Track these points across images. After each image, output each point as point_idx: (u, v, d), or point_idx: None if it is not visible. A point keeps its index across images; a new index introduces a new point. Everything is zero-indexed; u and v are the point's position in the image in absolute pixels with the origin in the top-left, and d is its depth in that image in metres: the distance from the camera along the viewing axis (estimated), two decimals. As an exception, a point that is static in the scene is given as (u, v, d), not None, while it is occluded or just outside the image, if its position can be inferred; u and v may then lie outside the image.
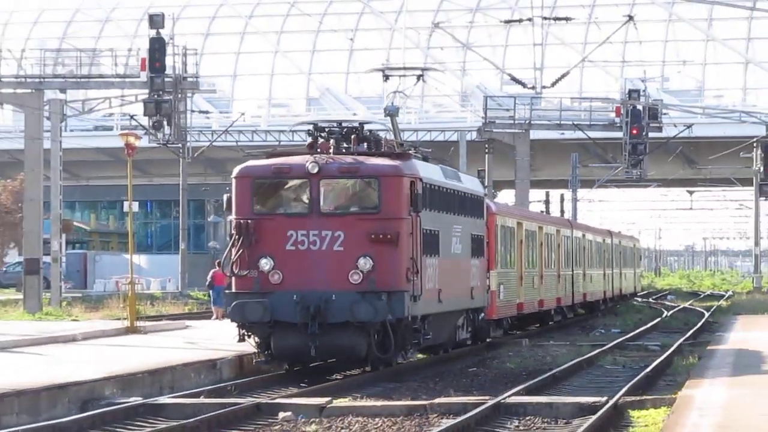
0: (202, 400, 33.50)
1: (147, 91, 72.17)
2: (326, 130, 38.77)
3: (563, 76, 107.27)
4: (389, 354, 36.28)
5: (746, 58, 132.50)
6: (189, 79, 76.49)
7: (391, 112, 46.52)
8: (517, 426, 30.28)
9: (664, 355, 49.63)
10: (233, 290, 36.32)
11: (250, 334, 36.22)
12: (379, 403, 33.86)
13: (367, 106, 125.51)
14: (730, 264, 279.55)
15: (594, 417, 29.41)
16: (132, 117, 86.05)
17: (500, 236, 51.40)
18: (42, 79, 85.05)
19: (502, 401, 33.53)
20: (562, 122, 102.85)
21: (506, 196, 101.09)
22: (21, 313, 73.11)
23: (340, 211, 35.79)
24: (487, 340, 52.78)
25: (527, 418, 31.53)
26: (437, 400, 34.12)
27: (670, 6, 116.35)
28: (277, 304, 34.55)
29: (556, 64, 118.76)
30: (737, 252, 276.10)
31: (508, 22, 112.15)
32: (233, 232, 36.14)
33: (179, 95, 73.79)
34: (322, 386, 36.41)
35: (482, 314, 48.59)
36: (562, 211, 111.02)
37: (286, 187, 36.44)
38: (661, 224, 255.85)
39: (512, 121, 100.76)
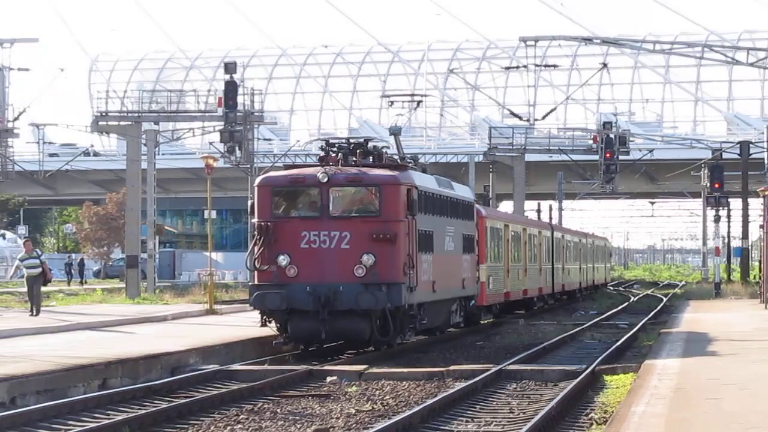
0: (266, 367, 33.64)
1: (223, 123, 72.26)
2: (336, 145, 38.59)
3: (551, 111, 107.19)
4: (389, 337, 35.91)
5: (696, 97, 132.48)
6: (255, 114, 76.64)
7: (395, 132, 46.22)
8: (515, 388, 30.50)
9: (631, 332, 49.60)
10: (256, 282, 36.14)
11: (270, 319, 36.00)
12: (406, 369, 34.08)
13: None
14: (683, 260, 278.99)
15: (576, 380, 29.74)
16: (211, 143, 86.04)
17: (489, 236, 51.02)
18: (140, 114, 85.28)
19: (504, 368, 33.71)
20: (550, 147, 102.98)
21: (506, 206, 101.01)
22: (123, 298, 73.11)
23: (346, 214, 35.54)
24: (481, 322, 52.50)
25: (523, 381, 31.92)
26: (452, 368, 34.36)
27: (635, 56, 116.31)
28: (293, 295, 34.37)
29: (546, 101, 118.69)
30: (689, 250, 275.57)
31: (507, 68, 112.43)
32: (255, 232, 36.02)
33: (248, 126, 73.91)
34: (360, 357, 36.90)
35: (473, 301, 47.88)
36: (551, 218, 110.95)
37: (301, 194, 36.29)
38: (629, 228, 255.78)
39: (511, 147, 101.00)
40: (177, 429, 23.03)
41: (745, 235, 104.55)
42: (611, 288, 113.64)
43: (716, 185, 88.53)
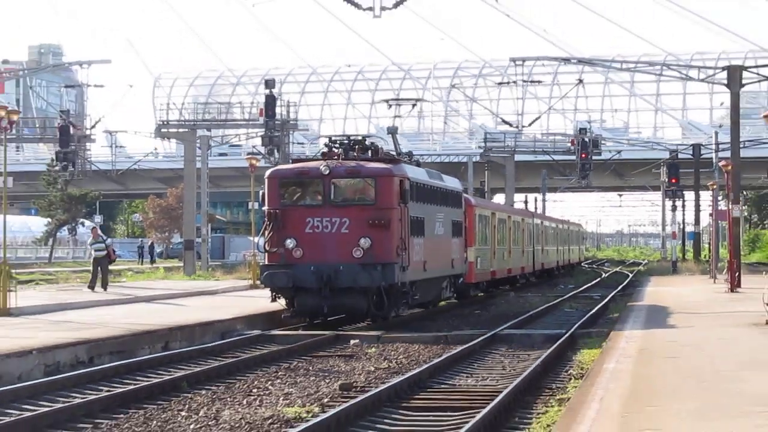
0: (300, 332, 33.57)
1: (263, 129, 72.18)
2: (338, 142, 37.71)
3: (536, 119, 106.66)
4: (384, 311, 34.99)
5: (656, 107, 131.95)
6: (290, 122, 76.51)
7: (392, 131, 45.22)
8: (507, 349, 30.46)
9: (603, 303, 49.43)
10: (266, 263, 35.28)
11: (279, 296, 35.12)
12: (416, 334, 33.95)
13: (408, 139, 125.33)
14: (645, 242, 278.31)
15: (557, 343, 29.68)
16: (254, 146, 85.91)
17: (478, 222, 49.82)
18: (195, 123, 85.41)
19: (497, 333, 33.64)
20: (535, 149, 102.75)
21: (500, 198, 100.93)
22: (181, 275, 73.07)
23: (346, 202, 34.72)
24: (471, 295, 51.42)
25: (513, 344, 31.81)
26: (453, 333, 34.37)
27: (606, 73, 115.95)
28: (299, 274, 33.48)
29: (532, 111, 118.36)
30: (650, 234, 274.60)
31: (500, 83, 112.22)
32: (266, 219, 35.03)
33: (284, 132, 73.76)
34: (378, 324, 36.30)
35: (462, 279, 46.81)
36: (536, 208, 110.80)
37: (306, 184, 35.34)
38: (601, 216, 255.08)
39: (503, 149, 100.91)
40: (226, 384, 23.11)
41: (697, 222, 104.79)
42: (586, 266, 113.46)
43: (673, 180, 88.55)
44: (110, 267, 51.12)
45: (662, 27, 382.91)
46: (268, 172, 36.21)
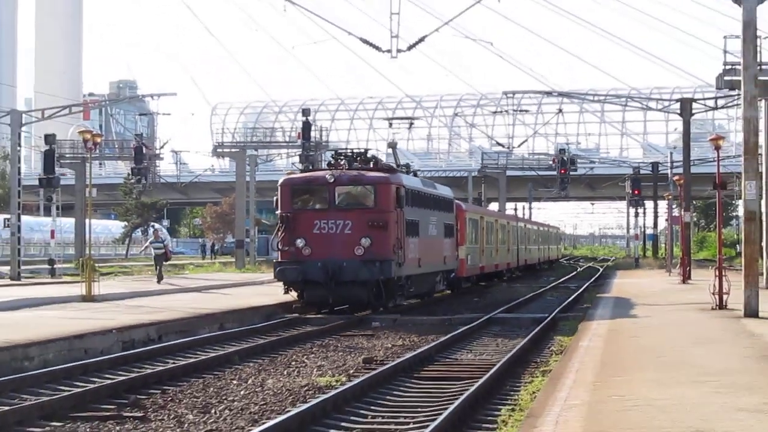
0: (330, 315, 33.46)
1: (301, 150, 72.01)
2: (342, 154, 36.57)
3: (524, 141, 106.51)
4: (382, 301, 33.84)
5: (622, 132, 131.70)
6: (323, 144, 76.45)
7: (392, 145, 44.48)
8: (500, 330, 30.38)
9: (578, 292, 49.33)
10: (279, 260, 33.98)
11: (290, 288, 33.84)
12: (425, 317, 33.97)
13: (419, 157, 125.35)
14: (613, 242, 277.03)
15: (541, 325, 29.52)
16: (293, 164, 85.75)
17: (468, 225, 48.62)
18: (245, 144, 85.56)
19: (492, 316, 33.49)
20: (523, 166, 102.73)
21: (494, 206, 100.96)
22: (233, 268, 72.97)
23: (348, 206, 33.38)
24: (463, 287, 49.78)
25: (505, 325, 31.71)
26: (456, 316, 34.21)
27: (581, 104, 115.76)
28: (308, 269, 32.20)
29: (520, 134, 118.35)
30: (617, 236, 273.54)
31: (494, 112, 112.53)
32: (279, 221, 34.03)
33: (318, 152, 73.79)
34: (395, 309, 36.09)
35: (453, 273, 45.40)
36: (523, 214, 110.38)
37: (313, 191, 34.03)
38: (576, 221, 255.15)
39: (497, 166, 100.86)
40: (270, 357, 23.14)
41: (655, 226, 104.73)
42: (564, 262, 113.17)
43: (636, 192, 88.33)
44: (173, 262, 51.02)
45: (627, 66, 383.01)
46: (280, 180, 35.20)
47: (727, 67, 41.29)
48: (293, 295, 33.71)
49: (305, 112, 71.44)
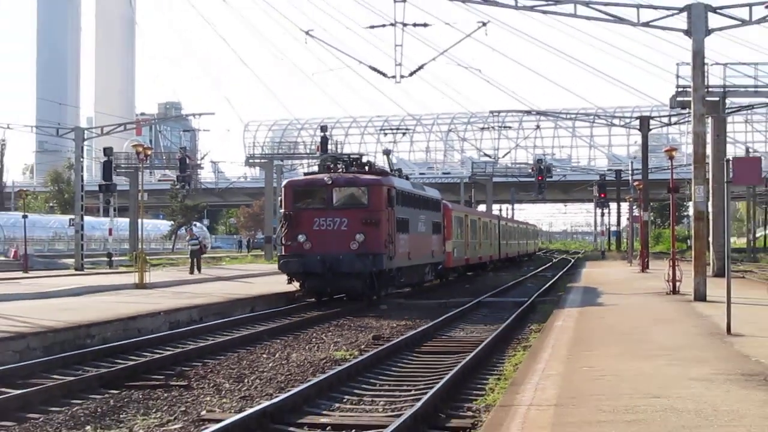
0: (345, 300, 33.31)
1: (319, 161, 72.06)
2: (340, 159, 35.46)
3: (507, 153, 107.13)
4: (375, 291, 32.21)
5: (590, 145, 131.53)
6: (338, 155, 76.64)
7: (386, 152, 43.47)
8: (487, 311, 30.30)
9: (553, 279, 49.29)
10: (283, 253, 32.68)
11: (293, 279, 32.06)
12: (424, 301, 34.00)
13: (418, 166, 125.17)
14: (582, 238, 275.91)
15: (522, 307, 29.50)
16: (313, 173, 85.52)
17: (454, 222, 46.83)
18: (272, 156, 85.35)
19: (481, 300, 33.49)
20: (506, 174, 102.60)
21: (482, 207, 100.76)
22: (263, 260, 72.80)
23: (345, 206, 31.60)
24: (450, 278, 48.23)
25: (492, 307, 31.70)
26: (450, 300, 34.13)
27: (556, 120, 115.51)
28: (308, 262, 30.59)
29: (504, 147, 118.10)
30: (586, 232, 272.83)
31: (482, 128, 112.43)
32: (282, 219, 32.50)
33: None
34: (399, 294, 36.24)
35: (441, 265, 43.46)
36: (507, 214, 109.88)
37: (313, 192, 32.16)
38: (552, 219, 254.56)
39: (484, 173, 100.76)
40: (294, 335, 23.18)
41: (618, 224, 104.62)
42: (541, 254, 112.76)
43: (602, 195, 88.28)
44: (212, 255, 50.95)
45: (595, 89, 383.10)
46: (284, 183, 34.27)
47: (679, 89, 41.27)
48: (296, 285, 32.23)
49: (323, 128, 71.37)
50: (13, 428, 12.40)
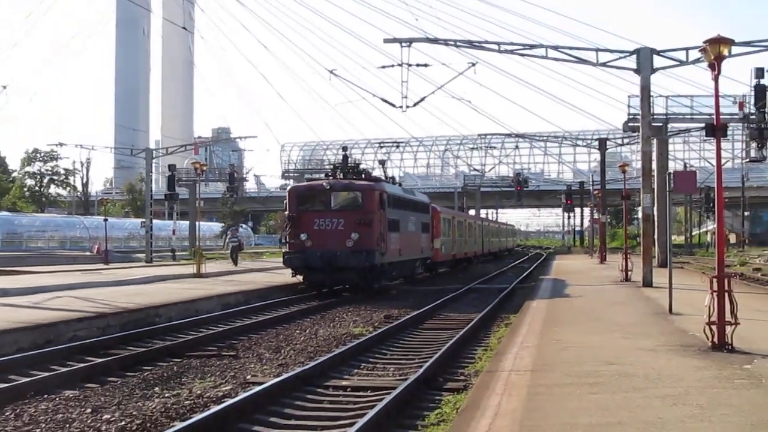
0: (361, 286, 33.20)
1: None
2: (339, 168, 33.23)
3: (492, 168, 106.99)
4: (368, 283, 29.66)
5: (558, 161, 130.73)
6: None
7: (382, 162, 41.10)
8: (476, 296, 30.00)
9: (530, 269, 49.24)
10: (287, 250, 29.89)
11: (296, 273, 29.92)
12: (425, 287, 33.85)
13: (421, 179, 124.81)
14: (553, 236, 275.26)
15: (504, 292, 29.46)
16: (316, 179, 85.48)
17: (442, 223, 44.29)
18: (303, 171, 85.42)
19: (471, 286, 33.39)
20: (492, 185, 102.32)
21: (471, 212, 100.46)
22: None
23: (342, 208, 29.42)
24: (440, 271, 45.68)
25: (480, 292, 31.42)
26: (448, 286, 34.04)
27: (531, 141, 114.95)
28: (309, 258, 28.48)
29: (490, 163, 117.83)
30: (556, 231, 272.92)
31: (472, 148, 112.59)
32: (287, 220, 30.09)
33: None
34: (405, 282, 36.20)
35: (430, 260, 41.05)
36: (493, 217, 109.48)
37: (314, 196, 29.94)
38: (528, 221, 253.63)
39: (474, 185, 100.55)
40: (321, 315, 23.20)
41: (581, 225, 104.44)
42: (519, 249, 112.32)
43: (569, 202, 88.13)
44: (255, 250, 50.87)
45: (563, 116, 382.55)
46: (288, 188, 31.83)
47: (630, 116, 41.23)
48: (299, 278, 30.07)
49: (344, 148, 70.38)
50: (97, 389, 12.45)
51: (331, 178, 31.53)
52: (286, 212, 30.31)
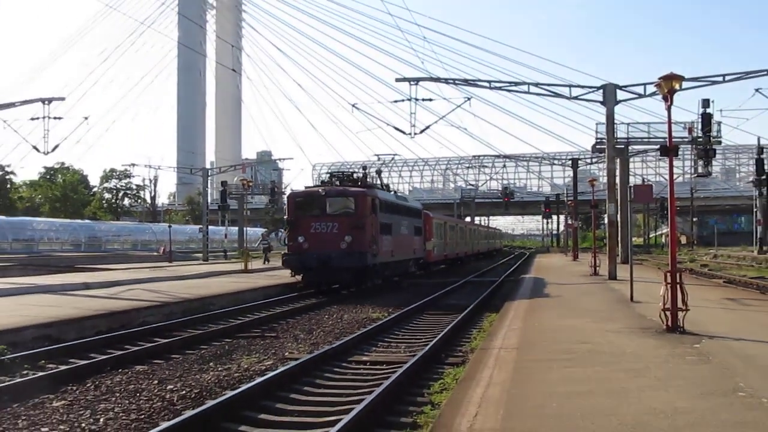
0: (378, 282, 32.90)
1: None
2: (335, 175, 29.88)
3: (485, 183, 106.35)
4: (362, 283, 26.71)
5: (539, 177, 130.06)
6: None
7: (378, 171, 37.56)
8: (471, 287, 29.72)
9: (516, 265, 49.04)
10: (286, 252, 26.90)
11: (294, 273, 26.58)
12: (431, 280, 33.52)
13: (426, 193, 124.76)
14: (535, 239, 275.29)
15: (494, 284, 29.16)
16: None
17: (435, 227, 41.23)
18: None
19: (467, 279, 33.21)
20: (484, 197, 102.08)
21: (468, 219, 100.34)
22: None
23: (336, 213, 26.07)
24: (435, 269, 42.53)
25: (474, 284, 31.06)
26: (448, 279, 33.71)
27: (516, 161, 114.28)
28: (306, 259, 25.26)
29: (482, 179, 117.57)
30: (537, 234, 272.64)
31: (467, 167, 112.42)
32: (287, 224, 27.38)
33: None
34: (414, 277, 35.54)
35: (422, 260, 37.26)
36: (485, 223, 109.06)
37: (311, 201, 26.38)
38: (514, 226, 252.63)
39: (470, 197, 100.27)
40: (345, 303, 23.09)
41: (557, 229, 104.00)
42: (506, 249, 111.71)
43: (547, 210, 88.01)
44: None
45: (542, 139, 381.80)
46: (287, 194, 28.37)
47: (598, 140, 41.05)
48: (298, 278, 26.89)
49: (364, 168, 70.94)
50: (163, 364, 12.47)
51: (336, 183, 28.78)
52: (286, 217, 27.30)
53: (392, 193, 34.43)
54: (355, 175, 28.92)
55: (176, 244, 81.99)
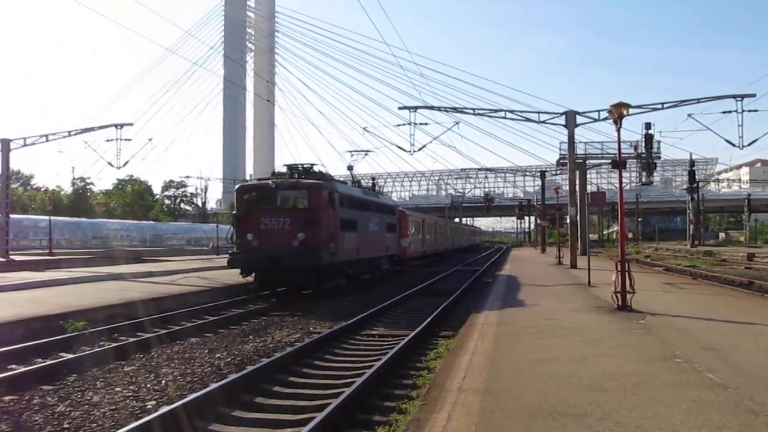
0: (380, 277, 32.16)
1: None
2: (291, 167, 21.34)
3: (470, 191, 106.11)
4: (319, 284, 19.31)
5: (513, 185, 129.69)
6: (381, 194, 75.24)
7: (349, 168, 30.96)
8: (460, 275, 28.92)
9: (496, 256, 48.80)
10: (234, 250, 19.33)
11: (244, 274, 19.37)
12: (427, 268, 33.00)
13: (424, 199, 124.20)
14: (511, 235, 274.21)
15: (477, 273, 28.88)
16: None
17: (411, 225, 35.00)
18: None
19: (456, 269, 32.74)
20: (470, 203, 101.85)
21: (457, 220, 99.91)
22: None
23: (288, 207, 19.42)
24: (409, 265, 33.67)
25: (461, 273, 30.53)
26: (437, 269, 33.36)
27: (495, 173, 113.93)
28: (254, 257, 18.39)
29: (469, 188, 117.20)
30: (513, 232, 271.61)
31: (456, 178, 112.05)
32: (234, 220, 19.74)
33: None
34: (416, 266, 34.81)
35: (396, 257, 29.45)
36: (468, 222, 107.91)
37: (261, 195, 19.57)
38: (494, 225, 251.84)
39: (459, 202, 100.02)
40: (359, 291, 22.95)
41: (529, 227, 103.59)
42: (486, 244, 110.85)
43: (521, 212, 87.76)
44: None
45: (516, 156, 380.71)
46: (236, 188, 20.81)
47: (561, 156, 40.93)
48: (250, 278, 19.84)
49: (372, 179, 70.91)
50: (212, 336, 12.49)
51: (294, 176, 21.14)
52: (234, 211, 20.44)
53: (364, 189, 27.72)
54: (316, 168, 21.70)
55: (222, 240, 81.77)
